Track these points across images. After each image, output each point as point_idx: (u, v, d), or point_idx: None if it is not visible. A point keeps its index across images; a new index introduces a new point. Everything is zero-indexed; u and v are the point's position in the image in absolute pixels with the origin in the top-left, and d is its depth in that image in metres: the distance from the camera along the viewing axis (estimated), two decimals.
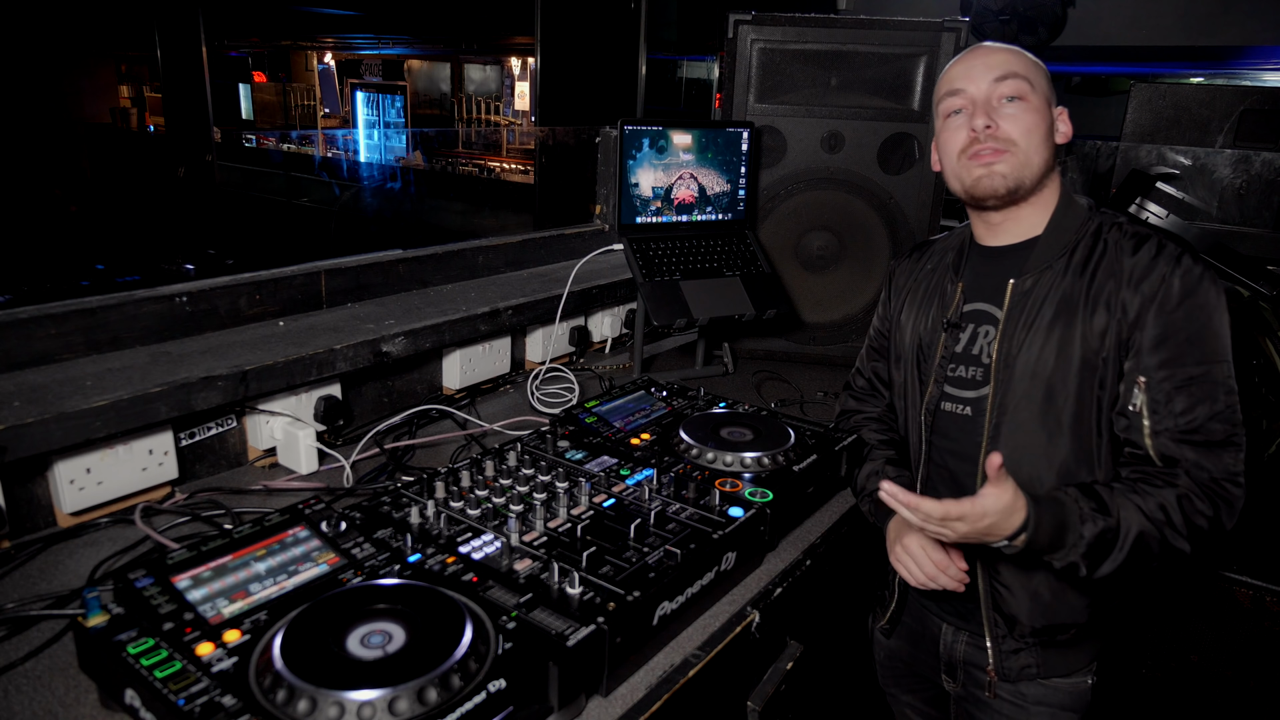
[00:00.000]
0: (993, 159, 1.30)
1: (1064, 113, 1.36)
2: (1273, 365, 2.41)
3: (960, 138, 1.34)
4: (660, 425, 1.61)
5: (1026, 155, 1.30)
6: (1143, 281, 1.24)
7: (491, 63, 13.50)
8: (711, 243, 2.12)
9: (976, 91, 1.32)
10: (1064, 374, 1.28)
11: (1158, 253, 1.25)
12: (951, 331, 1.41)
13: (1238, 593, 2.20)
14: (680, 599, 1.12)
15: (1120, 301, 1.25)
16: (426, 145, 12.19)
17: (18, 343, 1.37)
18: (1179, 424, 1.22)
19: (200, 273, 4.18)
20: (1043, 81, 1.33)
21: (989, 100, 1.31)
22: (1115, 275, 1.26)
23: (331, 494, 1.46)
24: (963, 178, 1.35)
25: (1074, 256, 1.31)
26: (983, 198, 1.34)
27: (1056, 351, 1.28)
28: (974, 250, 1.44)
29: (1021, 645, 1.40)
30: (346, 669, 0.86)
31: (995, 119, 1.30)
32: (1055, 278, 1.31)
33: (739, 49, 2.17)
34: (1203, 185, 3.30)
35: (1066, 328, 1.28)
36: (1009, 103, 1.30)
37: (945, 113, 1.37)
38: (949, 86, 1.36)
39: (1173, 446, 1.22)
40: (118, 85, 11.32)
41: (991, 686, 1.44)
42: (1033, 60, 1.34)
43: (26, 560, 1.24)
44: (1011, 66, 1.31)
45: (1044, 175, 1.33)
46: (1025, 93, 1.30)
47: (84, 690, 0.99)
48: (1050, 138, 1.33)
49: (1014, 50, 1.35)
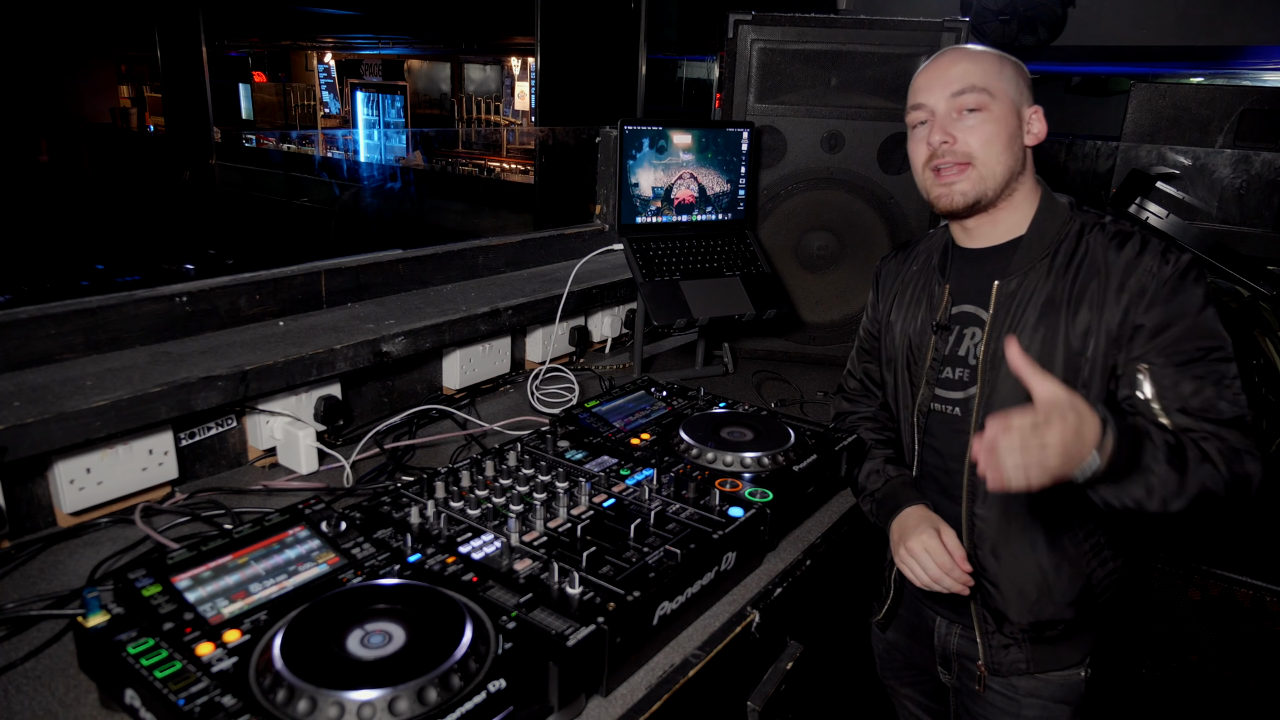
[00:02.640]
0: (953, 178, 1.33)
1: (1038, 111, 1.36)
2: (1273, 365, 2.41)
3: (922, 150, 1.37)
4: (660, 425, 1.61)
5: (987, 166, 1.31)
6: (1129, 278, 1.24)
7: (491, 63, 13.49)
8: (711, 243, 2.12)
9: (935, 105, 1.34)
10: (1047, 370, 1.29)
11: (1142, 248, 1.26)
12: (941, 334, 1.41)
13: (1238, 593, 2.20)
14: (680, 599, 1.12)
15: (1105, 300, 1.25)
16: (426, 145, 12.18)
17: (18, 343, 1.37)
18: (1189, 405, 1.21)
19: (200, 273, 4.18)
20: (1007, 86, 1.32)
21: (948, 113, 1.33)
22: (1099, 275, 1.27)
23: (331, 494, 1.46)
24: (927, 190, 1.39)
25: (1056, 258, 1.31)
26: (944, 212, 1.38)
27: (1039, 352, 1.29)
28: (956, 252, 1.45)
29: (1011, 641, 1.41)
30: (346, 669, 0.86)
31: (953, 131, 1.32)
32: (1039, 279, 1.31)
33: (739, 49, 2.17)
34: (1203, 185, 3.29)
35: (1050, 328, 1.29)
36: (968, 114, 1.31)
37: (911, 123, 1.40)
38: (913, 98, 1.38)
39: (1187, 420, 1.21)
40: (118, 85, 11.32)
41: (981, 680, 1.45)
42: (999, 63, 1.33)
43: (26, 560, 1.24)
44: (970, 79, 1.31)
45: (1009, 180, 1.33)
46: (985, 103, 1.31)
47: (84, 690, 0.98)
48: (1015, 141, 1.33)
49: (977, 57, 1.34)
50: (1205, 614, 2.25)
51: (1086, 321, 1.26)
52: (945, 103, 1.33)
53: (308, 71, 14.78)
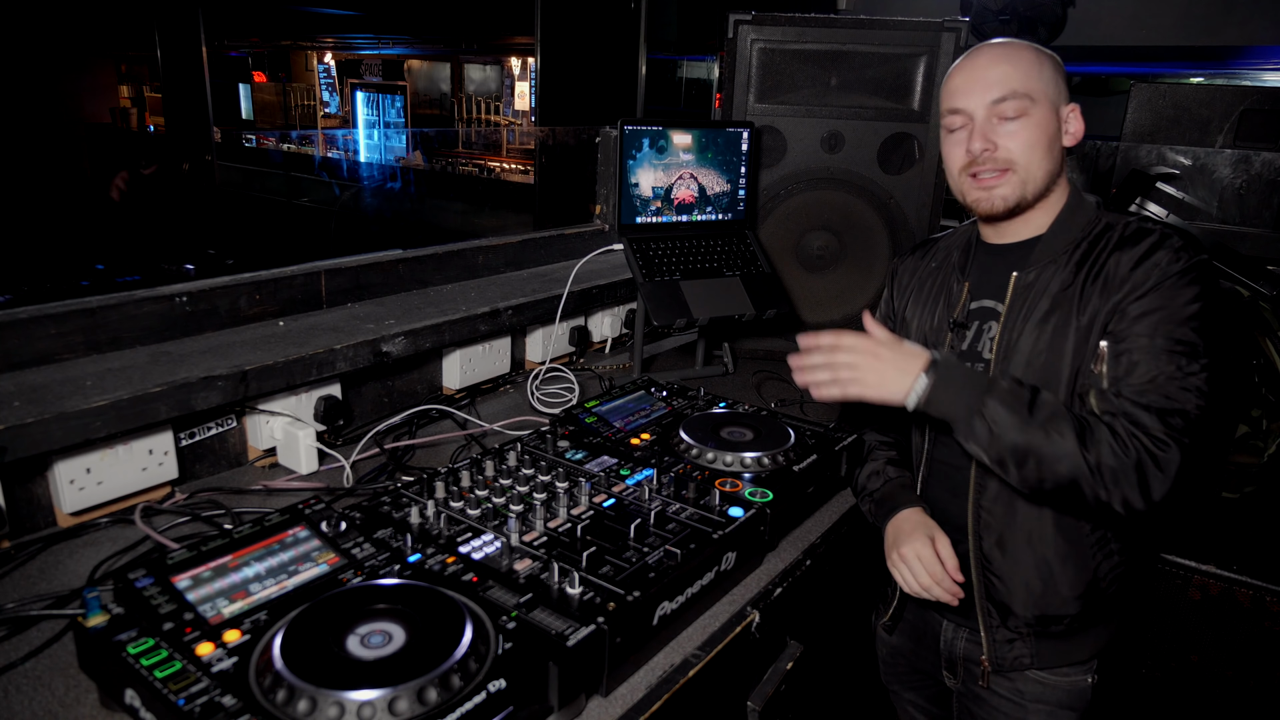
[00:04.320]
0: (993, 182, 1.30)
1: (1075, 110, 1.33)
2: (1273, 365, 2.41)
3: (959, 154, 1.33)
4: (660, 425, 1.60)
5: (1028, 171, 1.29)
6: (1138, 269, 1.23)
7: (491, 63, 13.49)
8: (711, 243, 2.12)
9: (974, 110, 1.30)
10: (1057, 364, 1.28)
11: (1159, 242, 1.25)
12: (958, 331, 1.41)
13: (1238, 593, 2.20)
14: (680, 599, 1.12)
15: (1111, 289, 1.24)
16: (426, 145, 12.17)
17: (18, 343, 1.37)
18: (1135, 386, 1.19)
19: (200, 273, 4.18)
20: (1047, 86, 1.29)
21: (988, 120, 1.29)
22: (1113, 266, 1.26)
23: (331, 494, 1.46)
24: (964, 194, 1.36)
25: (1076, 252, 1.31)
26: (983, 216, 1.36)
27: (1050, 342, 1.29)
28: (980, 248, 1.45)
29: (1015, 635, 1.40)
30: (346, 669, 0.86)
31: (994, 138, 1.29)
32: (1056, 271, 1.31)
33: (739, 49, 2.17)
34: (1203, 185, 3.29)
35: (1061, 319, 1.28)
36: (1009, 120, 1.28)
37: (946, 126, 1.37)
38: (949, 103, 1.34)
39: (1115, 401, 1.20)
40: (118, 85, 11.30)
41: (985, 676, 1.44)
42: (1037, 61, 1.30)
43: (26, 560, 1.24)
44: (1010, 84, 1.27)
45: (1049, 182, 1.32)
46: (1026, 109, 1.27)
47: (84, 690, 0.98)
48: (1056, 143, 1.31)
49: (1016, 58, 1.30)
50: (1205, 614, 2.25)
51: (1094, 310, 1.26)
52: (985, 109, 1.29)
53: (308, 71, 14.78)
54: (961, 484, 1.41)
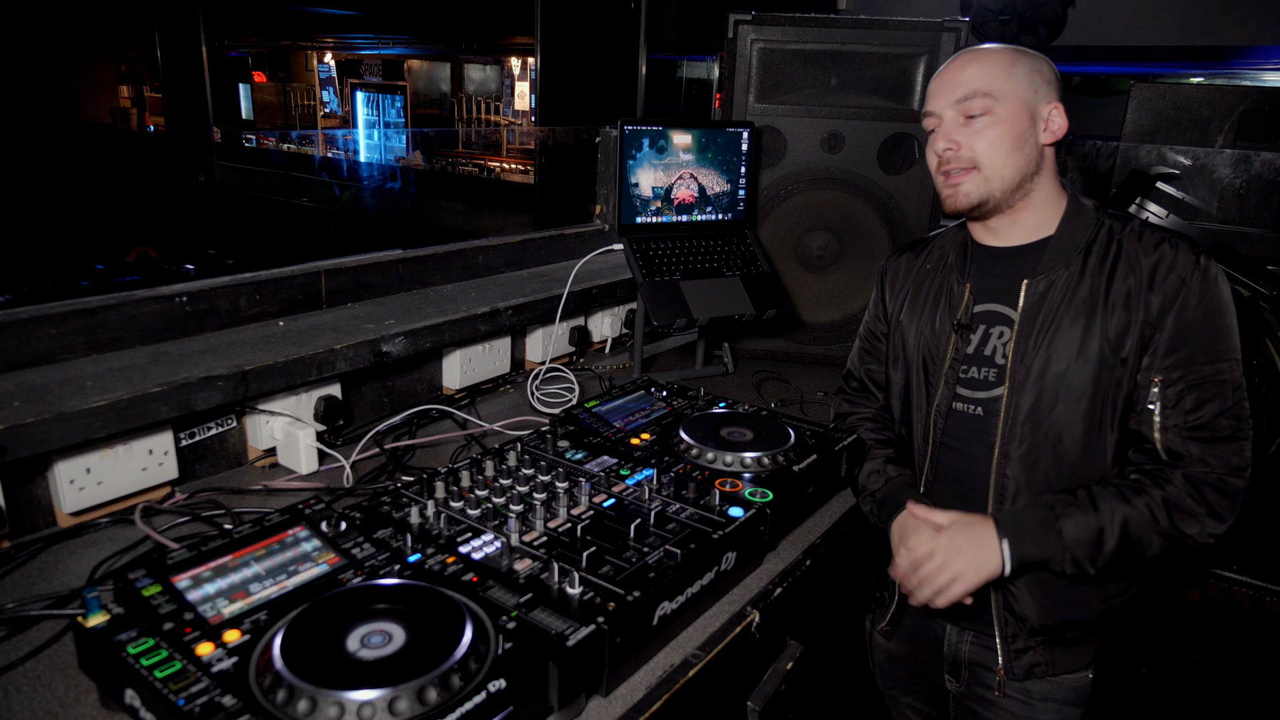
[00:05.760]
0: (958, 180, 1.35)
1: (1058, 107, 1.34)
2: (1273, 365, 2.41)
3: (932, 157, 1.39)
4: (660, 425, 1.60)
5: (993, 169, 1.32)
6: (1164, 282, 1.26)
7: (491, 63, 13.50)
8: (711, 243, 2.12)
9: (942, 111, 1.35)
10: (1082, 374, 1.29)
11: (1176, 254, 1.27)
12: (962, 333, 1.41)
13: (1238, 593, 2.20)
14: (680, 599, 1.12)
15: (1143, 302, 1.27)
16: (426, 145, 12.18)
17: (18, 343, 1.37)
18: (1187, 420, 1.25)
19: (200, 273, 4.18)
20: (1017, 85, 1.32)
21: (954, 120, 1.34)
22: (1134, 276, 1.28)
23: (331, 494, 1.46)
24: (940, 192, 1.41)
25: (1089, 258, 1.31)
26: (953, 213, 1.39)
27: (1076, 352, 1.29)
28: (978, 250, 1.44)
29: (1030, 644, 1.40)
30: (346, 669, 0.86)
31: (956, 138, 1.34)
32: (1071, 279, 1.31)
33: (739, 49, 2.17)
34: (1203, 185, 3.29)
35: (1086, 328, 1.29)
36: (974, 119, 1.32)
37: (925, 129, 1.42)
38: (925, 106, 1.40)
39: (1179, 442, 1.25)
40: (118, 85, 11.31)
41: (1001, 686, 1.44)
42: (1009, 63, 1.33)
43: (26, 560, 1.24)
44: (973, 84, 1.32)
45: (1021, 180, 1.33)
46: (989, 107, 1.31)
47: (84, 690, 0.98)
48: (1026, 141, 1.32)
49: (986, 59, 1.33)
50: (1205, 614, 2.25)
51: (1125, 321, 1.27)
52: (950, 109, 1.34)
53: (308, 71, 14.78)
54: (974, 492, 1.40)
